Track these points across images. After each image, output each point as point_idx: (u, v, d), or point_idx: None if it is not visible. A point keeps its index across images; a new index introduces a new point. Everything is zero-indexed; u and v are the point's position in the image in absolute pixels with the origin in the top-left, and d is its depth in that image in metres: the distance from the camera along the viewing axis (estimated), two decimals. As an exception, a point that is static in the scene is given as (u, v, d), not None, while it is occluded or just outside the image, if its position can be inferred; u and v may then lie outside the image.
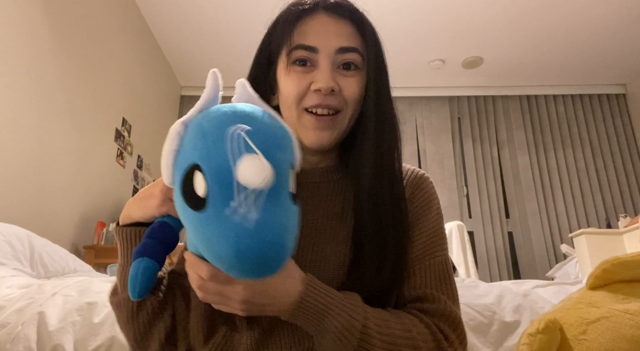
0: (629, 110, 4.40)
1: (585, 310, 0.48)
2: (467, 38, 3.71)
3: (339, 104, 0.65)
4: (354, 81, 0.66)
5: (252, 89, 0.55)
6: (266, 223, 0.41)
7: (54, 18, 2.41)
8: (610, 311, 0.46)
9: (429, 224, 0.67)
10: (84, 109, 2.69)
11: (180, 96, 4.42)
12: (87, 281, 1.25)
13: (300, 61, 0.65)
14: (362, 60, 0.67)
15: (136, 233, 0.61)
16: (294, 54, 0.65)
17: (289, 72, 0.66)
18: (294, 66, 0.66)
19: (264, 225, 0.41)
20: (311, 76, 0.65)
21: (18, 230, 1.73)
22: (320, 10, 0.67)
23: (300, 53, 0.65)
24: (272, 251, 0.41)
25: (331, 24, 0.66)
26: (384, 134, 0.67)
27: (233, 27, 3.51)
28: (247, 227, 0.41)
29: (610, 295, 0.48)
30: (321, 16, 0.67)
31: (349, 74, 0.66)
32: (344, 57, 0.66)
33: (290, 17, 0.67)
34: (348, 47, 0.66)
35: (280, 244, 0.42)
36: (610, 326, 0.45)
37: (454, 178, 4.15)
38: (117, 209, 3.05)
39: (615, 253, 2.48)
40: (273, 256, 0.42)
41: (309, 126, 0.65)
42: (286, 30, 0.66)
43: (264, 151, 0.43)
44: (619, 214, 3.41)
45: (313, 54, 0.65)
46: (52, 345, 1.02)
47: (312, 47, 0.65)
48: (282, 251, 0.42)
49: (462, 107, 4.43)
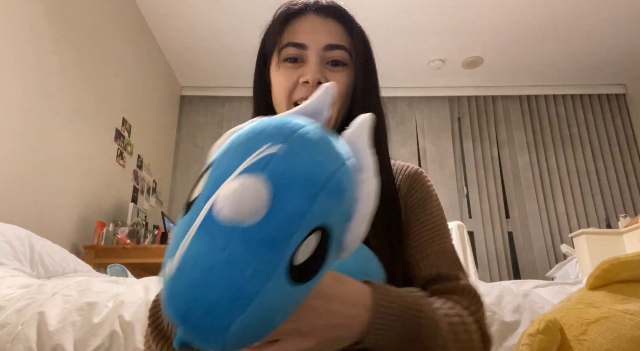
0: (629, 110, 4.40)
1: (585, 310, 0.48)
2: (467, 38, 3.71)
3: None
4: (341, 76, 0.68)
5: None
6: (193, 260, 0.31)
7: (55, 18, 2.41)
8: (610, 311, 0.46)
9: (434, 212, 0.69)
10: (84, 109, 2.69)
11: (180, 96, 4.42)
12: (87, 281, 1.25)
13: (291, 59, 0.69)
14: (349, 58, 0.70)
15: None
16: (284, 52, 0.69)
17: (279, 68, 0.69)
18: (285, 63, 0.69)
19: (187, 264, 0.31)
20: (300, 70, 0.68)
21: (18, 230, 1.73)
22: (310, 11, 0.71)
23: (290, 50, 0.68)
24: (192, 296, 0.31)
25: (320, 24, 0.70)
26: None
27: (233, 27, 3.51)
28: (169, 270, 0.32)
29: (610, 295, 0.48)
30: (310, 16, 0.70)
31: (337, 69, 0.69)
32: (331, 54, 0.68)
33: (281, 18, 0.71)
34: (336, 45, 0.69)
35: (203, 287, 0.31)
36: (610, 327, 0.45)
37: (454, 178, 4.15)
38: (117, 209, 3.05)
39: (615, 253, 2.48)
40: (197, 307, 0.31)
41: None
42: (277, 30, 0.70)
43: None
44: (619, 214, 3.41)
45: (302, 50, 0.68)
46: (52, 345, 1.02)
47: (301, 44, 0.68)
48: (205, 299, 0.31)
49: (462, 107, 4.43)
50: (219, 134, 2.51)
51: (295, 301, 0.35)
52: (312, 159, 0.34)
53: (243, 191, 0.31)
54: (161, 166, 3.92)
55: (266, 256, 0.31)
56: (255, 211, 0.31)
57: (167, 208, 4.00)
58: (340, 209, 0.35)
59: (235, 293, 0.31)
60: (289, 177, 0.33)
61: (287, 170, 0.33)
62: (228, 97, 4.32)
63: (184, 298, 0.31)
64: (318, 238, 0.33)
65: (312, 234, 0.33)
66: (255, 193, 0.31)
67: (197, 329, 0.32)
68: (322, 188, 0.33)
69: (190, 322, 0.31)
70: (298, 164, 0.34)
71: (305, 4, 0.71)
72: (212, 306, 0.31)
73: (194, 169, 4.16)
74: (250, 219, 0.31)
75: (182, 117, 4.36)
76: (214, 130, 4.28)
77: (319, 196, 0.33)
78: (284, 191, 0.32)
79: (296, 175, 0.33)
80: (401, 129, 4.33)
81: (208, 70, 4.15)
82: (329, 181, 0.34)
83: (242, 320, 0.31)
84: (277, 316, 0.34)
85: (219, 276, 0.31)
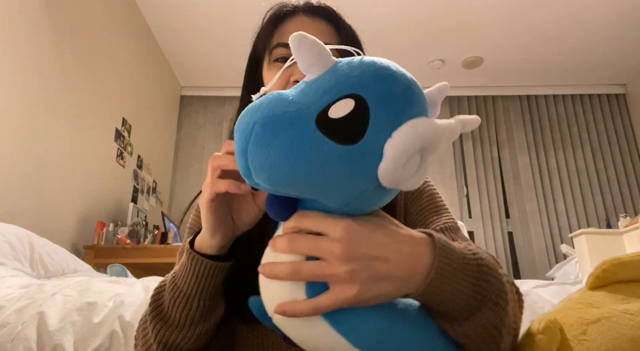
0: (629, 110, 4.40)
1: (585, 310, 0.48)
2: (467, 38, 3.71)
3: None
4: None
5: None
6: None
7: (55, 18, 2.41)
8: (610, 311, 0.46)
9: (439, 205, 0.71)
10: (84, 109, 2.69)
11: (180, 96, 4.42)
12: (87, 281, 1.25)
13: (282, 59, 0.70)
14: (339, 57, 0.70)
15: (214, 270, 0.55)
16: (275, 53, 0.70)
17: (271, 69, 0.71)
18: (276, 63, 0.71)
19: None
20: (290, 70, 0.68)
21: (18, 230, 1.72)
22: (299, 12, 0.73)
23: (280, 51, 0.70)
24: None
25: (309, 24, 0.71)
26: None
27: (233, 27, 3.51)
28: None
29: (611, 295, 0.48)
30: (300, 17, 0.72)
31: None
32: None
33: (271, 19, 0.73)
34: (325, 43, 0.68)
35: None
36: (610, 326, 0.45)
37: (454, 178, 4.15)
38: (117, 209, 3.05)
39: (615, 253, 2.48)
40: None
41: None
42: (268, 31, 0.73)
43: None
44: (619, 214, 3.41)
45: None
46: (52, 345, 1.02)
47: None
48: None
49: (462, 107, 4.43)
50: (219, 134, 2.54)
51: (338, 160, 0.38)
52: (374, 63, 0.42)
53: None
54: (161, 166, 3.92)
55: (301, 104, 0.40)
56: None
57: (167, 208, 4.00)
58: (386, 96, 0.40)
59: (270, 118, 0.39)
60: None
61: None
62: (228, 97, 4.31)
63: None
64: (352, 104, 0.38)
65: (349, 98, 0.39)
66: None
67: (238, 131, 0.41)
68: (376, 75, 0.41)
69: (242, 141, 0.40)
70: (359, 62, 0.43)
71: (295, 6, 0.73)
72: (257, 108, 0.40)
73: (194, 169, 4.16)
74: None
75: (182, 117, 4.36)
76: (214, 130, 4.28)
77: (367, 74, 0.40)
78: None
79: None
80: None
81: (208, 70, 4.15)
82: (387, 77, 0.41)
83: (263, 126, 0.38)
84: (315, 168, 0.38)
85: (263, 108, 0.40)
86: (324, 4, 0.74)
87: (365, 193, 0.40)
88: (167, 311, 0.57)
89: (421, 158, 0.40)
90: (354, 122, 0.38)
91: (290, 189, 0.40)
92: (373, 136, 0.38)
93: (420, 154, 0.39)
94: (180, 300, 0.56)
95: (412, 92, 0.41)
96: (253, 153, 0.39)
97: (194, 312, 0.55)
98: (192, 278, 0.54)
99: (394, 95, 0.40)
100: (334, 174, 0.38)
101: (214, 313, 0.58)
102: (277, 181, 0.39)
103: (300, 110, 0.39)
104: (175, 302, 0.56)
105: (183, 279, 0.56)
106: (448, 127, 0.40)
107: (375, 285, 0.41)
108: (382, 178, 0.39)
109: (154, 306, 0.59)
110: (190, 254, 0.55)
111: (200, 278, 0.54)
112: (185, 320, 0.56)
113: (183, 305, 0.55)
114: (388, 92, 0.39)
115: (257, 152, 0.39)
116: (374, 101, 0.38)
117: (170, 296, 0.57)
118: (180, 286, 0.56)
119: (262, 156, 0.38)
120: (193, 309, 0.55)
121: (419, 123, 0.38)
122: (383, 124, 0.38)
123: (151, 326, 0.58)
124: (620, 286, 0.49)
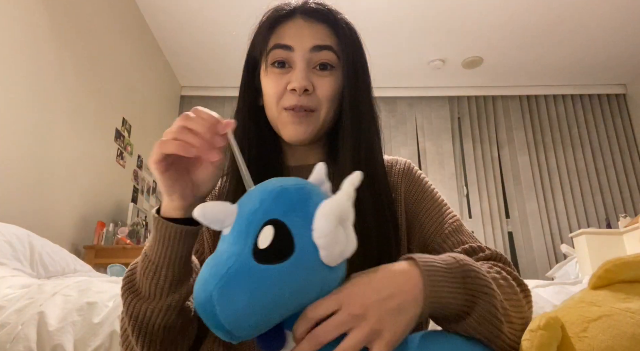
0: (629, 110, 4.41)
1: (587, 309, 0.48)
2: (467, 38, 3.71)
3: (314, 104, 0.69)
4: (328, 80, 0.70)
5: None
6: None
7: (54, 18, 2.41)
8: (612, 309, 0.47)
9: (435, 197, 0.73)
10: (84, 109, 2.69)
11: (180, 96, 4.42)
12: (87, 281, 1.25)
13: (279, 63, 0.70)
14: (337, 59, 0.71)
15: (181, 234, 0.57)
16: (272, 55, 0.70)
17: (268, 74, 0.70)
18: (273, 67, 0.70)
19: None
20: (288, 76, 0.69)
21: (18, 230, 1.73)
22: (297, 14, 0.72)
23: (277, 53, 0.69)
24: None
25: (306, 26, 0.71)
26: (361, 130, 0.70)
27: (233, 28, 3.51)
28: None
29: (612, 294, 0.49)
30: (297, 20, 0.72)
31: (324, 74, 0.70)
32: (319, 56, 0.69)
33: (268, 21, 0.72)
34: (322, 45, 0.70)
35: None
36: (611, 324, 0.45)
37: (454, 178, 4.16)
38: (117, 209, 3.05)
39: (615, 253, 2.48)
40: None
41: (287, 121, 0.69)
42: (265, 34, 0.72)
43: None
44: (619, 214, 3.41)
45: (289, 52, 0.69)
46: (52, 345, 1.02)
47: (288, 45, 0.69)
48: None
49: (462, 107, 4.43)
50: (219, 134, 2.44)
51: (281, 281, 0.42)
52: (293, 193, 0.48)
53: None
54: (161, 166, 3.92)
55: (237, 245, 0.44)
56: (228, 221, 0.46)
57: (167, 208, 3.99)
58: (290, 205, 0.45)
59: (214, 269, 0.42)
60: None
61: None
62: (228, 97, 4.31)
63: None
64: (271, 229, 0.43)
65: (266, 226, 0.43)
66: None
67: (201, 309, 0.42)
68: (272, 196, 0.46)
69: (201, 307, 0.43)
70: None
71: (292, 8, 0.72)
72: (205, 281, 0.42)
73: (194, 169, 4.15)
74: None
75: (182, 118, 4.36)
76: (214, 130, 4.28)
77: (266, 200, 0.46)
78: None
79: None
80: (401, 129, 4.34)
81: (208, 70, 4.15)
82: (280, 192, 0.46)
83: (220, 289, 0.41)
84: (269, 294, 0.42)
85: (211, 276, 0.43)
86: (321, 6, 0.73)
87: (325, 280, 0.45)
88: (137, 284, 0.59)
89: (343, 227, 0.45)
90: (282, 238, 0.43)
91: (277, 317, 0.44)
92: (301, 239, 0.43)
93: (341, 226, 0.45)
94: (149, 270, 0.57)
95: (305, 189, 0.47)
96: (225, 316, 0.41)
97: (163, 282, 0.57)
98: (160, 245, 0.56)
99: (294, 201, 0.45)
100: (294, 286, 0.43)
101: (184, 284, 0.58)
102: (263, 320, 0.42)
103: (238, 258, 0.43)
104: (145, 272, 0.57)
105: (152, 249, 0.57)
106: (346, 194, 0.45)
107: (397, 319, 0.46)
108: (328, 262, 0.44)
109: (126, 281, 0.60)
110: (155, 219, 0.56)
111: (168, 244, 0.56)
112: (154, 290, 0.57)
113: (152, 275, 0.57)
114: (289, 202, 0.45)
115: (228, 314, 0.41)
116: (284, 216, 0.44)
117: (141, 267, 0.58)
118: (149, 256, 0.57)
119: (233, 312, 0.41)
120: (162, 278, 0.56)
121: (325, 206, 0.44)
122: (301, 226, 0.44)
123: (124, 301, 0.59)
124: (622, 285, 0.49)
